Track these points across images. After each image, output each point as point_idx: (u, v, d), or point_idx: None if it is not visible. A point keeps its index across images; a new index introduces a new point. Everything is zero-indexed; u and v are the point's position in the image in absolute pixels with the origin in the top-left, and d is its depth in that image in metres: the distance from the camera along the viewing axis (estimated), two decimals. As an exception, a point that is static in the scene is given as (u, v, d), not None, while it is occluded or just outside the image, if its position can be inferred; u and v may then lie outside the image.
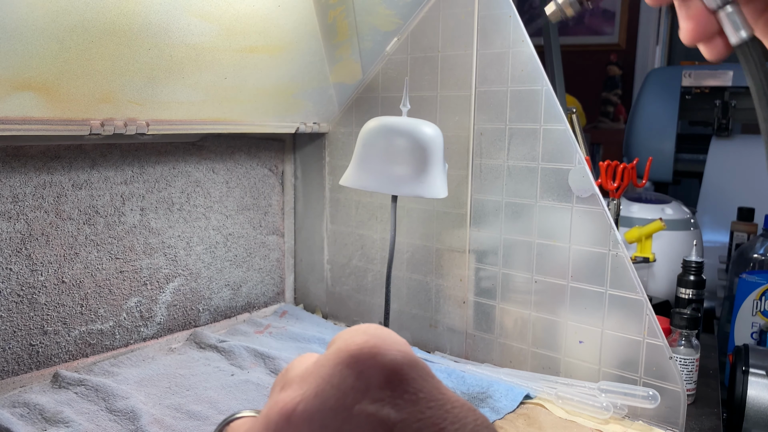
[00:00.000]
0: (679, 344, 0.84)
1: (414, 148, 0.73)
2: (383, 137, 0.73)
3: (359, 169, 0.75)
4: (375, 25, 0.94)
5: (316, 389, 0.26)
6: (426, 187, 0.73)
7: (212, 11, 0.78)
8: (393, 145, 0.73)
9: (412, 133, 0.73)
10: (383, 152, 0.73)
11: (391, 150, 0.73)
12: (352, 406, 0.25)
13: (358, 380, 0.26)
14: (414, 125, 0.74)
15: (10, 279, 0.79)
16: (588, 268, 0.81)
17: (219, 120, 0.92)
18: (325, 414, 0.25)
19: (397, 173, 0.72)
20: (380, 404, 0.25)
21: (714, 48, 0.30)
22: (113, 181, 0.89)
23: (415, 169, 0.73)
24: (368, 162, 0.74)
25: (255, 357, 0.91)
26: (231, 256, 1.08)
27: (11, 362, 0.81)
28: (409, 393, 0.26)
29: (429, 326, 0.99)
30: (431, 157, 0.74)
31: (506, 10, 0.85)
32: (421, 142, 0.73)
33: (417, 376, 0.27)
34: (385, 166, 0.73)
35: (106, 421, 0.71)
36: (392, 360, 0.27)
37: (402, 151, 0.73)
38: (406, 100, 0.78)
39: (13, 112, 0.69)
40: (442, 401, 0.26)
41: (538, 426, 0.75)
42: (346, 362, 0.27)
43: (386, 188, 0.73)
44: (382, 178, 0.73)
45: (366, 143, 0.75)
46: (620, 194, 1.13)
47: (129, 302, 0.93)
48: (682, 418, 0.74)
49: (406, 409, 0.25)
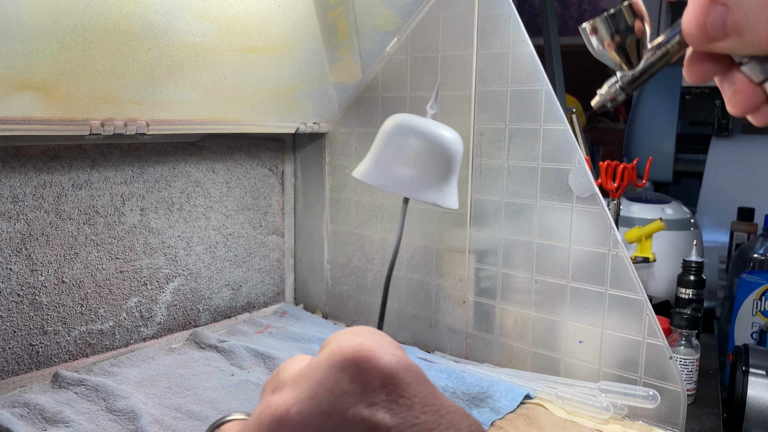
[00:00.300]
0: (679, 344, 0.84)
1: (439, 154, 0.68)
2: (408, 137, 0.69)
3: (376, 164, 0.69)
4: (375, 25, 0.94)
5: (310, 392, 0.26)
6: (443, 195, 0.69)
7: (212, 11, 0.78)
8: (417, 147, 0.68)
9: (440, 140, 0.68)
10: (405, 152, 0.68)
11: (413, 152, 0.67)
12: (346, 410, 0.25)
13: (352, 384, 0.26)
14: (442, 130, 0.69)
15: (10, 279, 0.79)
16: (588, 268, 0.81)
17: (219, 120, 0.92)
18: (318, 417, 0.25)
19: (416, 176, 0.68)
20: (375, 408, 0.25)
21: (763, 116, 0.31)
22: (113, 181, 0.89)
23: (436, 176, 0.68)
24: (386, 159, 0.69)
25: (255, 357, 0.90)
26: (231, 256, 1.08)
27: (11, 362, 0.81)
28: (404, 398, 0.26)
29: (429, 326, 0.99)
30: (453, 166, 0.70)
31: (506, 10, 0.85)
32: (448, 150, 0.68)
33: (412, 381, 0.27)
34: (404, 167, 0.68)
35: (106, 421, 0.71)
36: (387, 364, 0.26)
37: (425, 154, 0.68)
38: (434, 103, 0.73)
39: (13, 112, 0.69)
40: (437, 406, 0.26)
41: (538, 426, 0.75)
42: (341, 365, 0.26)
43: (401, 190, 0.69)
44: (399, 178, 0.68)
45: (389, 140, 0.69)
46: (620, 194, 1.13)
47: (129, 302, 0.93)
48: (682, 418, 0.74)
49: (400, 413, 0.25)
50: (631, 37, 0.32)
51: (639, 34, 0.32)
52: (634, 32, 0.32)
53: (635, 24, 0.32)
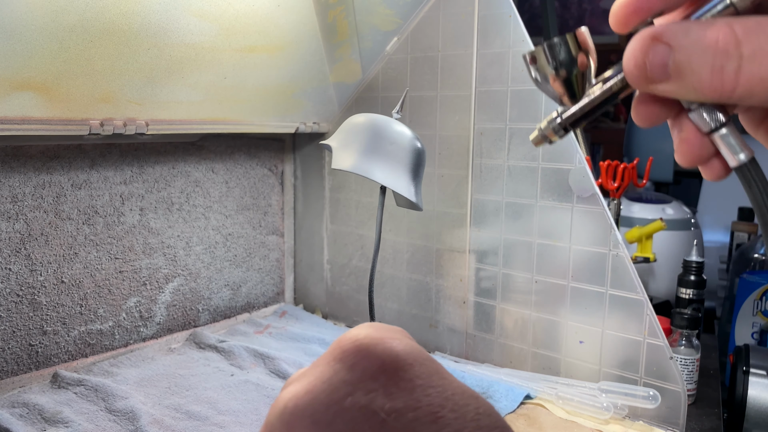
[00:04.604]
0: (680, 344, 0.84)
1: (411, 155, 0.72)
2: (383, 134, 0.71)
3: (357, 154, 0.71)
4: (375, 24, 0.94)
5: (308, 386, 0.26)
6: (413, 193, 0.72)
7: (211, 11, 0.78)
8: (391, 142, 0.71)
9: (413, 142, 0.72)
10: (381, 146, 0.71)
11: (390, 148, 0.71)
12: (344, 399, 0.25)
13: (350, 373, 0.26)
14: (407, 131, 0.73)
15: (9, 279, 0.79)
16: (588, 268, 0.81)
17: (219, 120, 0.92)
18: (316, 409, 0.25)
19: (391, 169, 0.71)
20: (373, 395, 0.25)
21: (712, 170, 0.28)
22: (112, 181, 0.89)
23: (407, 175, 0.72)
24: (366, 151, 0.71)
25: (255, 357, 0.90)
26: (231, 256, 1.08)
27: (10, 362, 0.81)
28: (404, 381, 0.25)
29: (429, 326, 0.99)
30: (420, 171, 0.74)
31: (506, 10, 0.85)
32: (420, 154, 0.73)
33: (414, 362, 0.26)
34: (381, 158, 0.70)
35: (106, 421, 0.71)
36: (386, 349, 0.26)
37: (398, 151, 0.71)
38: (400, 108, 0.75)
39: (12, 112, 0.68)
40: (442, 388, 0.26)
41: (538, 426, 0.75)
42: (339, 357, 0.26)
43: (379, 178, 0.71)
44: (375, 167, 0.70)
45: (369, 134, 0.71)
46: (621, 194, 1.13)
47: (128, 302, 0.93)
48: (683, 419, 0.74)
49: (401, 398, 0.25)
50: (571, 69, 0.29)
51: (582, 66, 0.29)
52: (576, 64, 0.29)
53: (578, 56, 0.29)
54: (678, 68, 0.25)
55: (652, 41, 0.25)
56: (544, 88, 0.31)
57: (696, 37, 0.24)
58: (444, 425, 0.24)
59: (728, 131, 0.27)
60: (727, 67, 0.24)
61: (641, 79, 0.26)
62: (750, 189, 0.26)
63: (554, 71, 0.30)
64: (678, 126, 0.28)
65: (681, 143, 0.28)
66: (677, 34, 0.25)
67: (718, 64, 0.24)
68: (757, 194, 0.26)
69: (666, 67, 0.25)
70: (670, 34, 0.25)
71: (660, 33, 0.25)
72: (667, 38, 0.25)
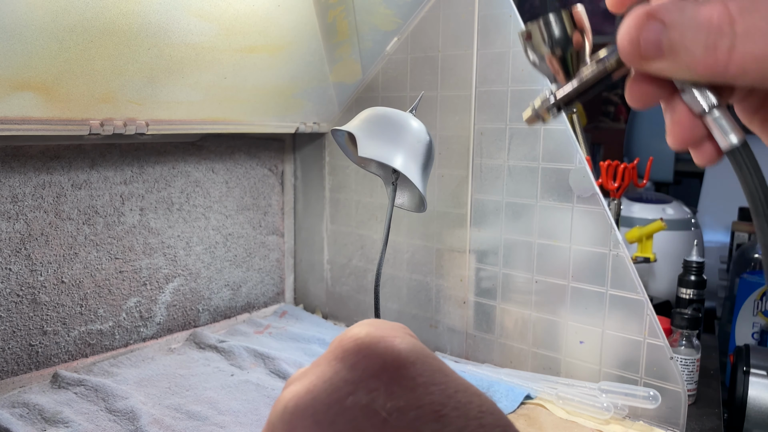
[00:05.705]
0: (680, 344, 0.84)
1: (426, 150, 0.71)
2: (401, 125, 0.71)
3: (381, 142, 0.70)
4: (375, 24, 0.94)
5: (308, 385, 0.26)
6: (425, 189, 0.72)
7: (212, 11, 0.78)
8: (411, 135, 0.70)
9: (428, 138, 0.72)
10: (404, 138, 0.70)
11: (407, 138, 0.70)
12: (345, 399, 0.25)
13: (351, 372, 0.25)
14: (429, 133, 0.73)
15: (9, 279, 0.79)
16: (589, 268, 0.81)
17: (219, 120, 0.92)
18: (317, 408, 0.25)
19: (411, 162, 0.70)
20: (375, 394, 0.24)
21: (703, 154, 0.28)
22: (113, 181, 0.89)
23: (420, 170, 0.71)
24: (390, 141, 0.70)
25: (255, 357, 0.90)
26: (231, 256, 1.08)
27: (11, 362, 0.81)
28: (406, 379, 0.25)
29: (429, 326, 0.99)
30: (429, 167, 0.73)
31: (506, 10, 0.85)
32: (431, 150, 0.72)
33: (416, 360, 0.26)
34: (402, 150, 0.70)
35: (106, 421, 0.71)
36: (387, 347, 0.26)
37: (416, 144, 0.71)
38: (414, 110, 0.75)
39: (12, 112, 0.68)
40: (445, 385, 0.25)
41: (538, 426, 0.74)
42: (340, 356, 0.26)
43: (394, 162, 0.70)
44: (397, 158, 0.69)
45: (381, 122, 0.70)
46: (621, 194, 1.12)
47: (128, 302, 0.93)
48: (683, 419, 0.74)
49: (402, 396, 0.24)
50: (566, 48, 0.29)
51: (577, 45, 0.29)
52: (571, 43, 0.29)
53: (574, 35, 0.29)
54: (672, 46, 0.25)
55: (647, 18, 0.25)
56: (539, 66, 0.30)
57: (690, 15, 0.24)
58: (447, 423, 0.24)
59: (721, 113, 0.26)
60: (720, 45, 0.24)
61: (635, 57, 0.26)
62: (741, 173, 0.26)
63: (549, 50, 0.29)
64: (671, 108, 0.28)
65: (673, 125, 0.28)
66: (672, 11, 0.25)
67: (712, 42, 0.24)
68: (749, 178, 0.26)
69: (660, 45, 0.25)
70: (665, 12, 0.25)
71: (655, 10, 0.25)
72: (661, 15, 0.25)
